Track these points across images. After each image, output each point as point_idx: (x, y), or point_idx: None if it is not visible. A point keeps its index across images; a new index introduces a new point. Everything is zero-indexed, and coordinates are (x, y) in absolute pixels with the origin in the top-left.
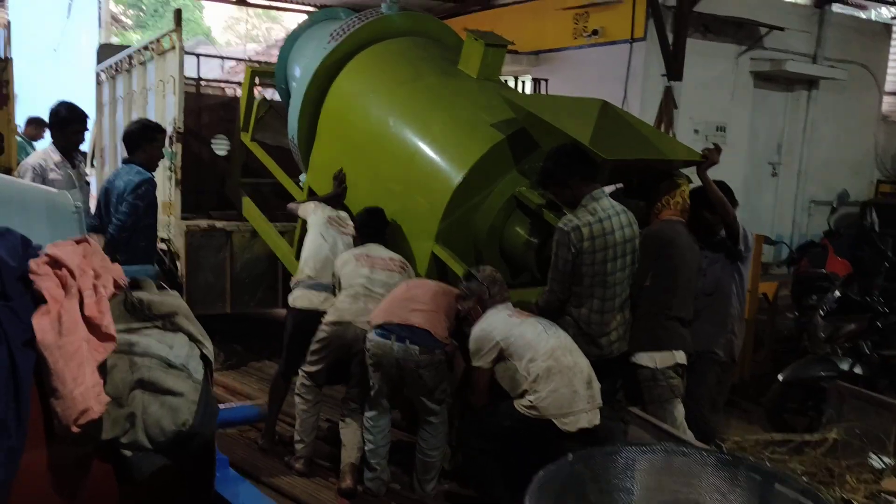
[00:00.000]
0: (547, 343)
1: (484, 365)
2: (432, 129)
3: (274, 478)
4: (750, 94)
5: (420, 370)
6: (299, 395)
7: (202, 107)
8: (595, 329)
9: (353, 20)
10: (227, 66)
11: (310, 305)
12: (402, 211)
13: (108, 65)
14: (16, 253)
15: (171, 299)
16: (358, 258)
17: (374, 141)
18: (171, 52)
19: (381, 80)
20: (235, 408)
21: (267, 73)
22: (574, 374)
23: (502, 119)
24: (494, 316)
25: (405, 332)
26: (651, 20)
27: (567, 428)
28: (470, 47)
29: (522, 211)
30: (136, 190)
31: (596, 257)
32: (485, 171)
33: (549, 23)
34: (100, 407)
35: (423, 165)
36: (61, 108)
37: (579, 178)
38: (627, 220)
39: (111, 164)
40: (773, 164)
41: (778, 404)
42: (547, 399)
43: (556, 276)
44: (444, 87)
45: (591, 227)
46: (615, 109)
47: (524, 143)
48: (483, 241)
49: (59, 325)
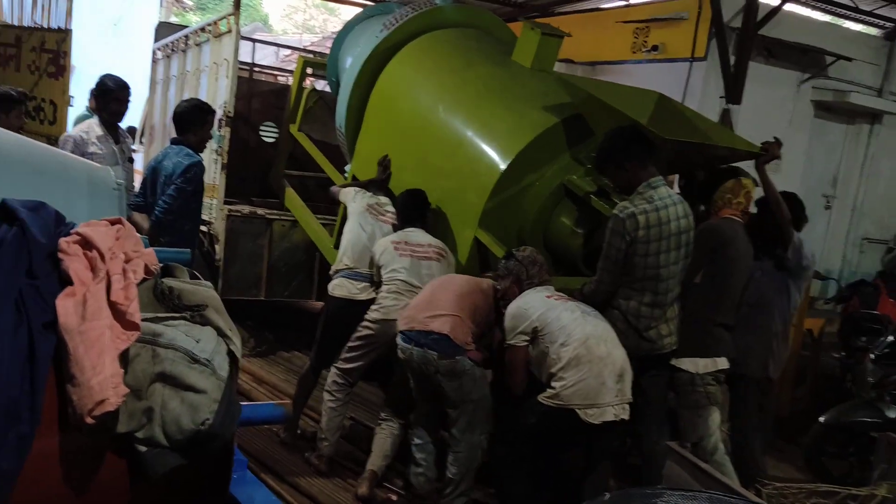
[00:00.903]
0: (582, 329)
1: (518, 343)
2: (482, 114)
3: (293, 474)
4: (809, 123)
5: (440, 377)
6: (329, 391)
7: (253, 92)
8: (644, 323)
9: (405, 10)
10: (282, 55)
11: (348, 295)
12: (448, 196)
13: (165, 43)
14: (48, 229)
15: (202, 290)
16: (397, 246)
17: (421, 128)
18: (227, 35)
19: (431, 69)
20: (259, 406)
21: (319, 65)
22: (605, 366)
23: (555, 106)
24: (533, 295)
25: (423, 338)
26: (714, 40)
27: (591, 420)
28: (525, 37)
29: (571, 200)
30: (186, 173)
31: (650, 248)
32: (534, 156)
33: (608, 35)
34: (117, 399)
35: (471, 150)
36: (107, 79)
37: (637, 162)
38: (684, 210)
39: (160, 143)
40: (826, 197)
41: (817, 447)
42: (572, 388)
43: (606, 265)
44: (495, 76)
45: (648, 216)
46: (673, 102)
47: (578, 130)
48: (528, 229)
49: (83, 309)
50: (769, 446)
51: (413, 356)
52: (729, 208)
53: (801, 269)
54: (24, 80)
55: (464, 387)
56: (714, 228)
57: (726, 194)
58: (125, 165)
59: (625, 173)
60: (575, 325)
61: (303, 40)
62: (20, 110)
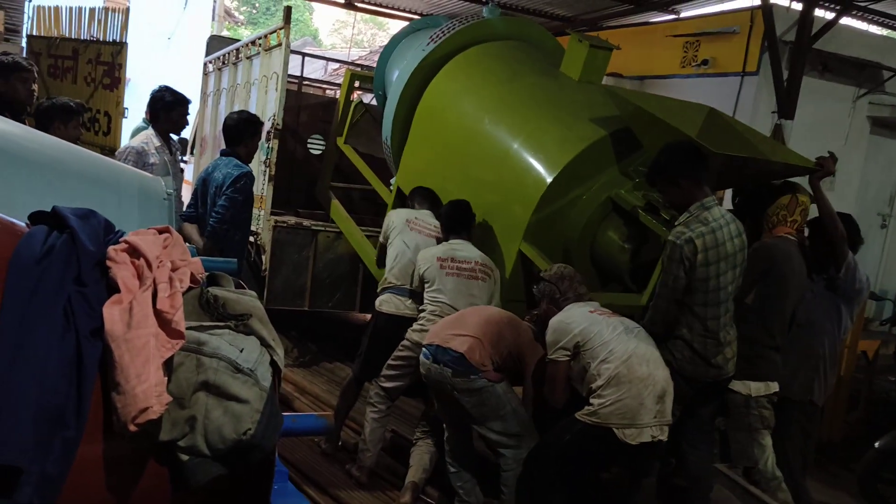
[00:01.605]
0: (624, 347)
1: (559, 358)
2: (528, 126)
3: (334, 486)
4: (865, 140)
5: (457, 394)
6: (372, 404)
7: (301, 105)
8: (711, 349)
9: (452, 23)
10: (330, 69)
11: (396, 311)
12: (493, 209)
13: (216, 56)
14: (97, 237)
15: (247, 300)
16: (442, 264)
17: (466, 139)
18: (277, 48)
19: (477, 81)
20: (301, 417)
21: (366, 78)
22: (645, 387)
23: (603, 118)
24: (575, 309)
25: (441, 355)
26: (766, 54)
27: (627, 440)
28: (573, 49)
29: (619, 215)
30: (236, 183)
31: (710, 271)
32: (581, 169)
33: (657, 49)
34: (160, 407)
35: (517, 163)
36: (165, 92)
37: (691, 180)
38: (737, 229)
39: (210, 154)
40: (883, 216)
41: (872, 473)
42: (610, 406)
43: (664, 293)
44: (542, 87)
45: (705, 239)
46: (724, 116)
47: (626, 144)
48: (574, 243)
49: (129, 317)
50: (818, 468)
51: (431, 372)
52: (784, 226)
53: (853, 293)
54: (80, 92)
55: (486, 403)
56: (769, 247)
57: (781, 211)
58: (177, 175)
59: (678, 190)
60: (617, 343)
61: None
62: (78, 121)
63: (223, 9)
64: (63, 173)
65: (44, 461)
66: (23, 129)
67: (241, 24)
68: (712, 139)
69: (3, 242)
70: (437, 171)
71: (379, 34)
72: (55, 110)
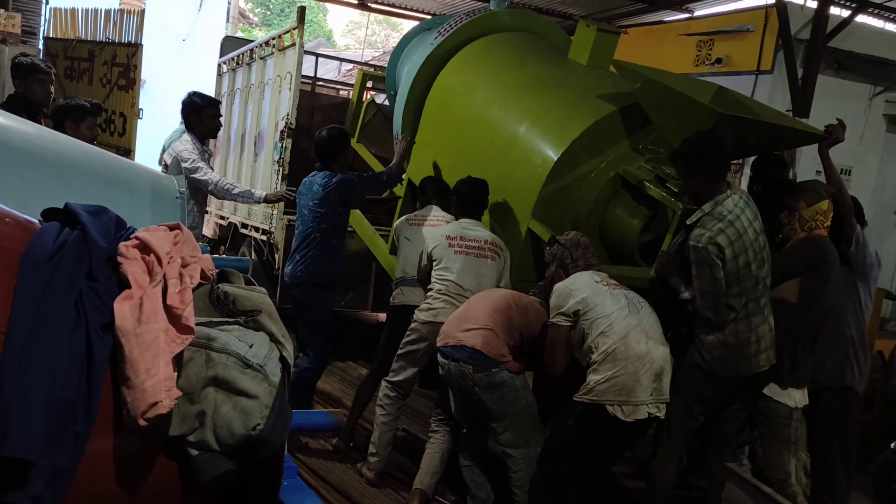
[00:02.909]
0: (625, 322)
1: (560, 322)
2: (535, 108)
3: (344, 484)
4: (881, 138)
5: (478, 390)
6: (381, 405)
7: (315, 106)
8: (747, 344)
9: (460, 17)
10: (344, 69)
11: (407, 301)
12: (502, 189)
13: (230, 57)
14: (108, 234)
15: (256, 296)
16: (451, 242)
17: (475, 126)
18: (291, 48)
19: (485, 70)
20: (311, 413)
21: (379, 78)
22: (643, 364)
23: (611, 96)
24: (582, 276)
25: (458, 353)
26: (781, 52)
27: (623, 417)
28: (581, 34)
29: (628, 191)
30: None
31: (739, 261)
32: (589, 145)
33: (671, 48)
34: (170, 401)
35: (525, 143)
36: (195, 97)
37: (707, 174)
38: (753, 213)
39: (225, 154)
40: None
41: (887, 474)
42: (605, 383)
43: (706, 302)
44: (550, 73)
45: (726, 233)
46: (732, 92)
47: (635, 120)
48: (583, 220)
49: (139, 313)
50: None
51: (451, 371)
52: (820, 230)
53: (866, 268)
54: (96, 93)
55: (505, 398)
56: (822, 244)
57: (819, 216)
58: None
59: (693, 180)
60: (618, 317)
61: (364, 55)
62: (92, 121)
63: (237, 10)
64: (77, 172)
65: (54, 455)
66: (38, 128)
67: (256, 26)
68: (722, 106)
69: (17, 238)
70: (448, 161)
71: (392, 35)
72: (69, 110)
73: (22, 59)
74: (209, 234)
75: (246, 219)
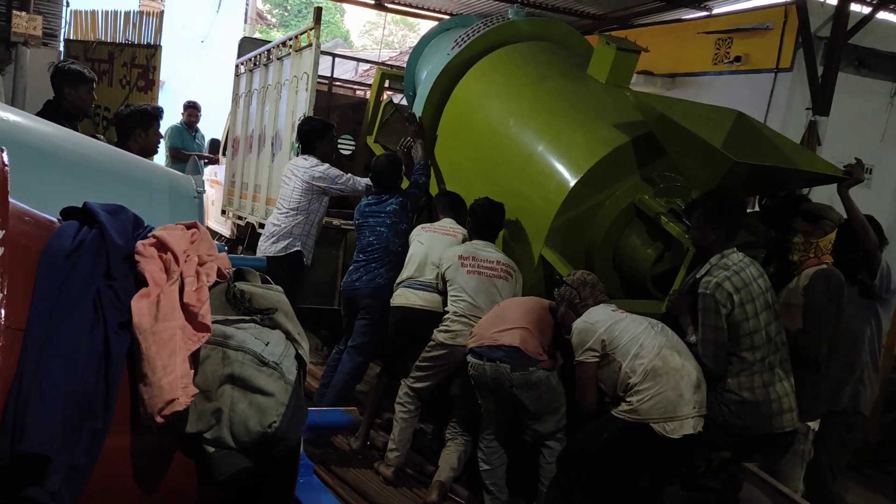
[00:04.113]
0: (655, 340)
1: (588, 359)
2: (552, 130)
3: (361, 482)
4: None
5: (515, 389)
6: (400, 404)
7: (332, 106)
8: (773, 402)
9: (478, 25)
10: (361, 70)
11: (407, 303)
12: (516, 213)
13: (248, 58)
14: (126, 232)
15: (273, 294)
16: (463, 262)
17: (492, 143)
18: (307, 48)
19: (503, 83)
20: (326, 411)
21: (396, 78)
22: (682, 377)
23: (628, 123)
24: (597, 310)
25: (494, 353)
26: (800, 50)
27: (670, 434)
28: (601, 51)
29: (642, 221)
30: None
31: (746, 310)
32: (604, 174)
33: (689, 46)
34: (186, 399)
35: (540, 167)
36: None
37: (727, 233)
38: (758, 270)
39: (243, 155)
40: None
41: None
42: (650, 402)
43: (708, 349)
44: (568, 90)
45: (731, 280)
46: (751, 121)
47: (650, 149)
48: (596, 248)
49: (156, 310)
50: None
51: (486, 371)
52: (827, 255)
53: (889, 294)
54: (115, 94)
55: (543, 397)
56: (839, 276)
57: (829, 245)
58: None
59: (709, 233)
60: (647, 336)
61: (381, 55)
62: (158, 126)
63: (255, 11)
64: (96, 172)
65: (72, 451)
66: (57, 129)
67: (273, 27)
68: (737, 148)
69: (36, 237)
70: (463, 174)
71: (409, 35)
72: (140, 116)
73: (71, 66)
74: (227, 234)
75: (263, 219)
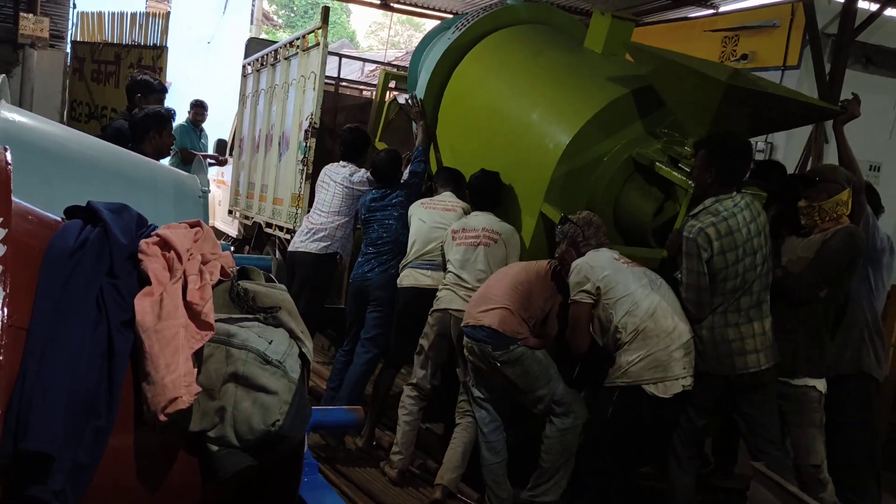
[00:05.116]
0: (650, 300)
1: (582, 299)
2: (549, 94)
3: (366, 482)
4: None
5: (499, 365)
6: (403, 406)
7: (339, 106)
8: (724, 342)
9: (477, 11)
10: (367, 70)
11: (415, 283)
12: (515, 175)
13: (255, 58)
14: (129, 231)
15: (276, 293)
16: (455, 235)
17: (490, 115)
18: (314, 48)
19: (501, 60)
20: (330, 410)
21: (401, 78)
22: (672, 339)
23: (626, 78)
24: (601, 253)
25: (478, 333)
26: (808, 48)
27: (660, 393)
28: (596, 23)
29: (641, 174)
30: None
31: (727, 258)
32: (602, 127)
33: (695, 44)
34: (189, 397)
35: (538, 128)
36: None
37: (724, 175)
38: (751, 215)
39: (250, 155)
40: None
41: None
42: (640, 363)
43: (690, 294)
44: (565, 61)
45: (717, 227)
46: (749, 74)
47: (649, 104)
48: (597, 203)
49: (159, 309)
50: None
51: (475, 350)
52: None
53: (877, 253)
54: (122, 96)
55: (529, 371)
56: (860, 235)
57: (840, 207)
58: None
59: (708, 174)
60: (643, 295)
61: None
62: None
63: (261, 12)
64: (101, 172)
65: (75, 450)
66: (63, 129)
67: (280, 28)
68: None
69: (39, 235)
70: (464, 152)
71: (415, 35)
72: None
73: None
74: (234, 234)
75: (270, 218)
